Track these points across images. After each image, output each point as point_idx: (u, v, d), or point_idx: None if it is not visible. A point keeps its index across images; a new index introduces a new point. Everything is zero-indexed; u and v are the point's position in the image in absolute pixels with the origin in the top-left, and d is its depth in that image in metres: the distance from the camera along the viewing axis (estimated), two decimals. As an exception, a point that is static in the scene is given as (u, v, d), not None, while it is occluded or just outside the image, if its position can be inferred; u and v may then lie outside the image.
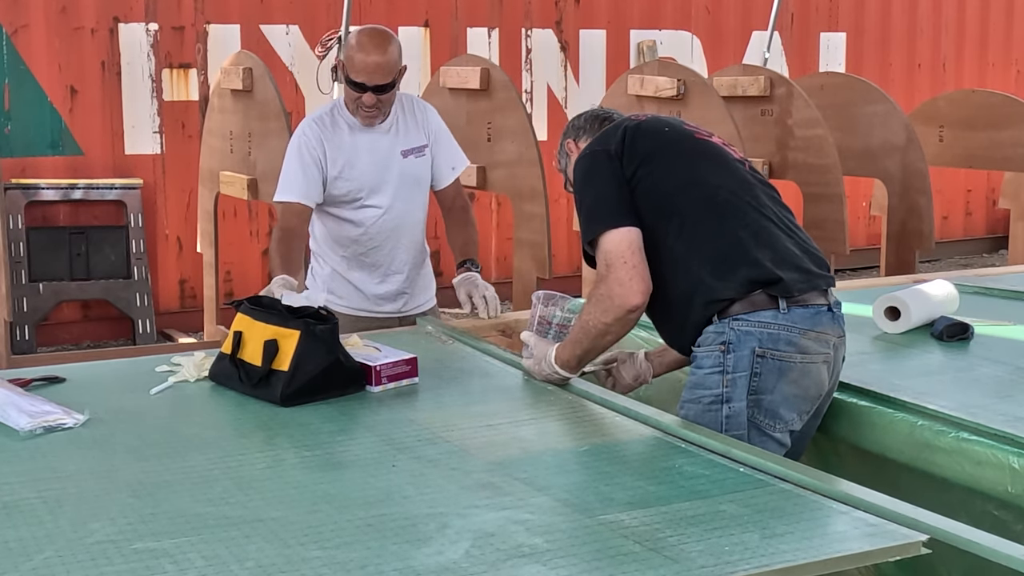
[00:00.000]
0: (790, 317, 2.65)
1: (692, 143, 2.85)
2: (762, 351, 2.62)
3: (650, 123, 2.87)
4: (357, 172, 3.74)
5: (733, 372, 2.64)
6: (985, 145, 6.48)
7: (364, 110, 3.68)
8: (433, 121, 3.90)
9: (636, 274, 2.65)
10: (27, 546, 1.90)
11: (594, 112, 3.09)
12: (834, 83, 6.62)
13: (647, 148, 2.77)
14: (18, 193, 6.81)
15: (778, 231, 2.75)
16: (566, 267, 8.10)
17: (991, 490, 2.45)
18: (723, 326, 2.66)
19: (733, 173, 2.81)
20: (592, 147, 2.85)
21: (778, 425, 2.65)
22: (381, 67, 3.61)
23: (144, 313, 7.09)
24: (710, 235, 2.70)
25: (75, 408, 2.59)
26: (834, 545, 1.93)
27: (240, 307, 2.89)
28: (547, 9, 8.37)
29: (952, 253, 9.90)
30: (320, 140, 3.72)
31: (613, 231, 2.68)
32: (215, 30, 7.33)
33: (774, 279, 2.65)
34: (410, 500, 2.12)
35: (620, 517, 2.03)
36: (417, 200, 3.87)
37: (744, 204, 2.74)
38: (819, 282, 2.72)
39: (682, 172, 2.77)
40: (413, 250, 3.89)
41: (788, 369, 2.64)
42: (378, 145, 3.77)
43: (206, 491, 2.15)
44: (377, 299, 3.87)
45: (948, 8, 10.01)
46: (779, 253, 2.71)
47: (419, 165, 3.84)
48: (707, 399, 2.66)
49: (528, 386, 2.90)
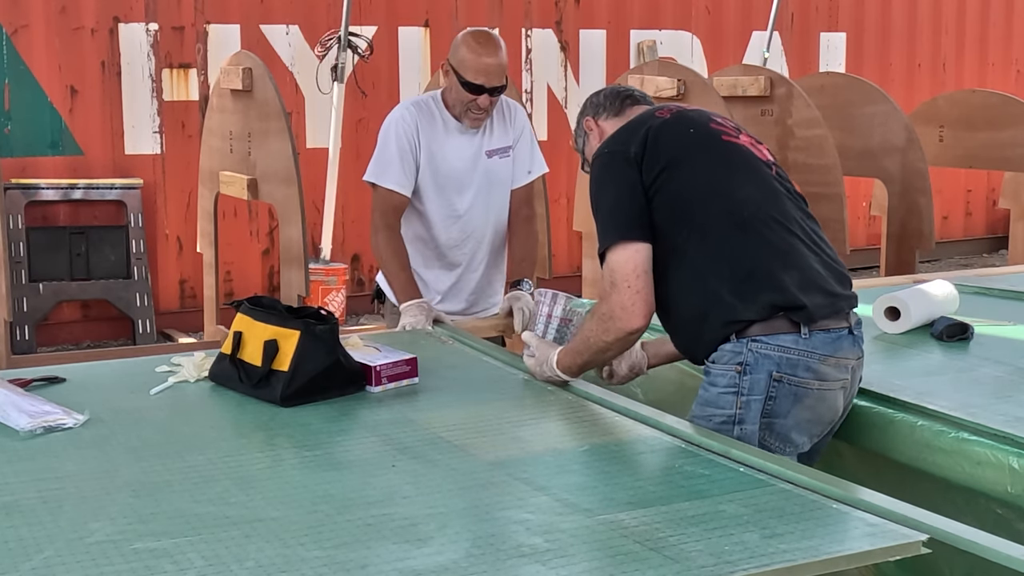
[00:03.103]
0: (811, 343, 2.57)
1: (719, 147, 2.72)
2: (779, 375, 2.56)
3: (674, 123, 2.73)
4: (444, 169, 3.74)
5: (748, 394, 2.57)
6: (985, 145, 6.47)
7: (475, 112, 3.68)
8: (520, 121, 3.88)
9: (640, 299, 2.59)
10: (27, 546, 1.90)
11: (615, 89, 2.98)
12: (834, 83, 6.61)
13: (670, 152, 2.66)
14: (18, 193, 6.81)
15: (804, 248, 2.65)
16: (566, 267, 8.10)
17: (991, 490, 2.45)
18: (740, 346, 2.58)
19: (760, 183, 2.70)
20: (611, 145, 2.73)
21: (787, 448, 2.59)
22: (499, 69, 3.64)
23: (144, 313, 7.09)
24: (732, 252, 2.61)
25: (75, 408, 2.58)
26: (834, 545, 1.93)
27: (240, 307, 2.89)
28: (547, 9, 8.37)
29: (952, 253, 9.90)
30: (417, 126, 3.71)
31: (621, 247, 2.61)
32: (215, 30, 7.32)
33: (798, 305, 2.57)
34: (410, 500, 2.12)
35: (620, 517, 2.03)
36: (499, 200, 3.86)
37: (770, 220, 2.64)
38: (843, 304, 2.65)
39: (707, 181, 2.66)
40: (492, 251, 3.89)
41: (804, 395, 2.58)
42: (467, 144, 3.77)
43: (206, 491, 2.15)
44: (447, 298, 3.85)
45: (948, 8, 10.01)
46: (804, 274, 2.61)
47: (503, 166, 3.83)
48: (719, 419, 2.60)
49: (528, 386, 2.90)
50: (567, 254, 8.22)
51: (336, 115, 7.21)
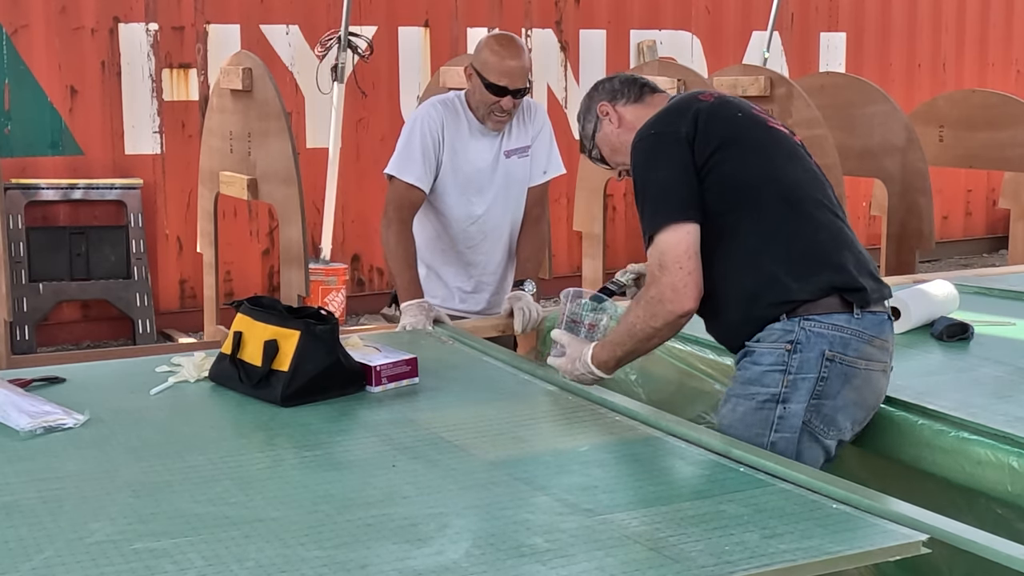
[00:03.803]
0: (862, 323, 2.57)
1: (767, 132, 2.72)
2: (832, 354, 2.53)
3: (723, 106, 2.71)
4: (464, 169, 3.75)
5: (796, 373, 2.54)
6: (985, 145, 6.47)
7: (498, 115, 3.70)
8: (539, 120, 3.89)
9: (691, 280, 2.55)
10: (27, 546, 1.90)
11: (629, 76, 2.94)
12: (834, 83, 6.61)
13: (724, 133, 2.63)
14: (18, 193, 6.81)
15: (849, 232, 2.68)
16: (566, 267, 8.10)
17: (991, 490, 2.45)
18: (792, 324, 2.55)
19: (807, 169, 2.71)
20: (656, 127, 2.68)
21: (831, 432, 2.57)
22: (522, 71, 3.65)
23: (144, 313, 7.09)
24: (790, 233, 2.60)
25: (75, 408, 2.59)
26: (834, 545, 1.93)
27: (240, 307, 2.89)
28: (547, 9, 8.37)
29: (952, 253, 9.90)
30: (442, 124, 3.73)
31: (672, 228, 2.56)
32: (215, 30, 7.32)
33: (857, 287, 2.57)
34: (410, 500, 2.12)
35: (620, 517, 2.03)
36: (516, 200, 3.87)
37: (820, 204, 2.65)
38: (885, 291, 2.67)
39: (759, 163, 2.65)
40: (508, 250, 3.90)
41: (853, 375, 2.56)
42: (488, 146, 3.78)
43: (206, 491, 2.15)
44: (465, 296, 3.86)
45: (948, 8, 10.01)
46: (858, 257, 2.63)
47: (521, 165, 3.84)
48: (762, 396, 2.56)
49: (528, 386, 2.90)
50: (567, 254, 8.22)
51: (336, 115, 7.21)
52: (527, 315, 3.62)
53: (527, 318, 3.62)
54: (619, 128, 2.86)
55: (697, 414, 3.06)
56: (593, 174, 6.28)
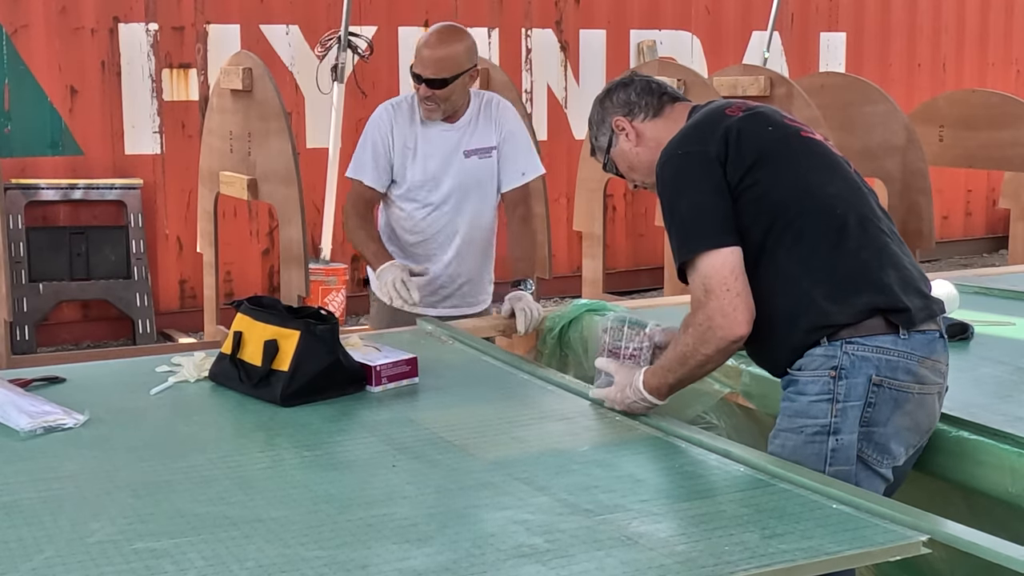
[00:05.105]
0: (910, 343, 2.41)
1: (799, 143, 2.55)
2: (879, 379, 2.37)
3: (752, 122, 2.54)
4: (418, 164, 3.79)
5: (844, 401, 2.38)
6: (985, 145, 6.48)
7: (425, 104, 3.75)
8: (508, 123, 3.88)
9: (741, 302, 2.39)
10: (27, 546, 1.90)
11: (646, 85, 2.72)
12: (834, 83, 6.62)
13: (755, 151, 2.47)
14: (18, 193, 6.81)
15: (895, 247, 2.50)
16: (566, 267, 8.09)
17: (991, 490, 2.44)
18: (834, 349, 2.39)
19: (845, 179, 2.54)
20: (685, 146, 2.51)
21: (885, 460, 2.41)
22: (436, 62, 3.68)
23: (144, 313, 7.09)
24: (829, 254, 2.43)
25: (75, 408, 2.59)
26: (834, 545, 1.93)
27: (240, 307, 2.89)
28: (547, 9, 8.36)
29: (952, 253, 9.90)
30: (391, 125, 3.81)
31: (713, 254, 2.40)
32: (215, 30, 7.32)
33: (901, 307, 2.41)
34: (410, 500, 2.12)
35: (620, 517, 2.03)
36: (476, 201, 3.86)
37: (862, 218, 2.48)
38: (935, 308, 2.50)
39: (794, 179, 2.48)
40: (466, 253, 3.88)
41: (905, 400, 2.40)
42: (443, 140, 3.80)
43: (206, 491, 2.15)
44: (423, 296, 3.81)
45: (948, 8, 10.01)
46: (901, 274, 2.46)
47: (482, 167, 3.84)
48: (811, 429, 2.39)
49: (528, 386, 2.90)
50: (567, 254, 8.22)
51: (336, 115, 7.20)
52: (529, 315, 3.61)
53: (529, 318, 3.61)
54: (638, 147, 2.68)
55: (697, 414, 3.06)
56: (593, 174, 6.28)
